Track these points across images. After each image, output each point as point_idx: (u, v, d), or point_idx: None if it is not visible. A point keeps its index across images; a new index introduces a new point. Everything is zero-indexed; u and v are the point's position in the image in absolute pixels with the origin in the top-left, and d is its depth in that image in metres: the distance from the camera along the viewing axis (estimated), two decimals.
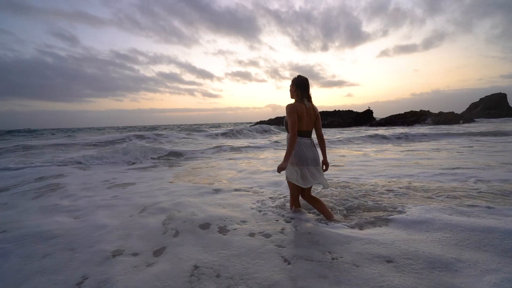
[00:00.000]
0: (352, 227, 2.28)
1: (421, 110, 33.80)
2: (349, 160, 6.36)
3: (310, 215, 2.59)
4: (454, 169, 4.53)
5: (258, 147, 10.07)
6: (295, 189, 2.51)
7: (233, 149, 9.48)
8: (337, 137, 12.93)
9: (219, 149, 9.26)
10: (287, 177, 2.38)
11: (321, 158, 2.52)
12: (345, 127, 30.20)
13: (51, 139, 14.90)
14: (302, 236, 2.16)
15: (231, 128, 19.66)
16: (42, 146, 10.00)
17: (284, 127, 2.44)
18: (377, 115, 35.71)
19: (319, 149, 2.52)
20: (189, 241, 2.15)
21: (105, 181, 4.71)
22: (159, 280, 1.63)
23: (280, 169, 2.19)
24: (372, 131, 18.27)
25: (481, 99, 53.72)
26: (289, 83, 2.47)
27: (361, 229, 2.23)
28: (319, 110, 2.51)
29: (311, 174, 2.35)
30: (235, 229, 2.33)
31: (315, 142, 2.51)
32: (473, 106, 53.89)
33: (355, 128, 27.84)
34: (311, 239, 2.07)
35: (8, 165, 5.95)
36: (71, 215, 2.90)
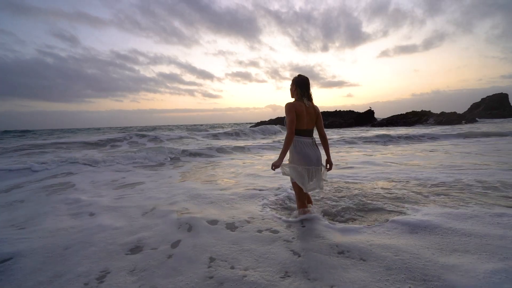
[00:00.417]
0: (357, 225, 2.33)
1: (422, 110, 33.66)
2: (350, 160, 6.42)
3: (318, 215, 2.57)
4: (458, 170, 4.55)
5: (262, 147, 10.10)
6: (298, 187, 2.42)
7: (238, 148, 9.53)
8: (339, 137, 12.93)
9: (223, 148, 9.29)
10: (291, 178, 2.37)
11: (324, 157, 2.50)
12: (346, 127, 30.15)
13: (49, 139, 14.61)
14: (308, 232, 2.23)
15: (235, 128, 19.54)
16: (50, 144, 10.07)
17: (284, 126, 2.42)
18: (377, 115, 35.65)
19: (321, 148, 2.52)
20: (202, 236, 2.25)
21: (114, 180, 4.85)
22: (179, 272, 1.73)
23: (274, 166, 2.18)
24: (374, 131, 18.17)
25: (482, 99, 53.55)
26: (290, 83, 2.46)
27: (366, 228, 2.27)
28: (318, 108, 2.47)
29: (315, 174, 2.35)
30: (242, 226, 2.43)
31: (317, 141, 2.48)
32: (475, 106, 53.72)
33: (356, 128, 27.73)
34: (317, 235, 2.15)
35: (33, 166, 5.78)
36: (88, 212, 3.01)
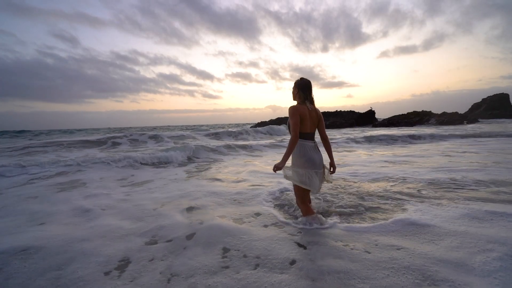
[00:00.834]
0: (360, 224, 2.40)
1: (423, 110, 33.56)
2: (351, 159, 6.53)
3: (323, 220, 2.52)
4: (461, 171, 4.61)
5: (267, 146, 10.14)
6: (301, 191, 2.41)
7: (244, 147, 9.58)
8: (340, 137, 12.88)
9: (229, 148, 9.34)
10: (294, 181, 2.35)
11: (327, 160, 2.52)
12: (347, 127, 30.12)
13: (46, 139, 14.47)
14: (312, 227, 2.34)
15: (241, 128, 19.34)
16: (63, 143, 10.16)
17: (287, 130, 2.46)
18: (377, 116, 35.55)
19: (323, 150, 2.53)
20: (213, 229, 2.39)
21: (123, 178, 4.99)
22: (197, 261, 1.86)
23: (276, 168, 2.17)
24: (376, 131, 18.03)
25: (483, 99, 53.38)
26: (290, 84, 2.46)
27: (370, 227, 2.32)
28: (320, 111, 2.51)
29: (319, 177, 2.36)
30: (250, 221, 2.57)
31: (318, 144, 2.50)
32: (476, 106, 53.58)
33: (357, 128, 27.69)
34: (321, 230, 2.28)
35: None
36: (103, 207, 3.12)
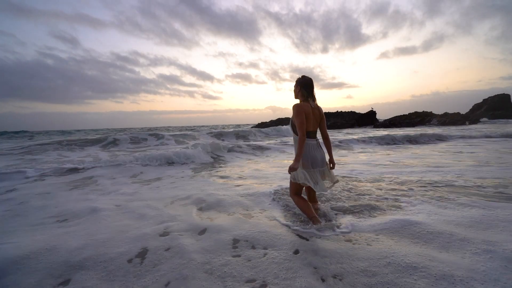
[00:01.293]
0: (360, 221, 2.47)
1: (424, 111, 33.47)
2: (352, 159, 6.65)
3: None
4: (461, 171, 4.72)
5: (272, 147, 10.08)
6: (295, 184, 2.44)
7: (249, 147, 9.64)
8: (342, 137, 12.73)
9: (233, 147, 9.28)
10: (293, 179, 2.36)
11: (327, 157, 2.56)
12: (348, 128, 30.06)
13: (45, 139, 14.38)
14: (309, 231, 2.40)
15: (244, 129, 19.30)
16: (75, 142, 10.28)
17: (290, 128, 2.45)
18: (378, 116, 35.53)
19: (324, 148, 2.58)
20: (223, 222, 2.57)
21: (134, 175, 5.15)
22: (210, 251, 2.01)
23: (291, 170, 2.19)
24: (377, 132, 17.86)
25: (484, 100, 53.19)
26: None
27: (369, 225, 2.36)
28: (322, 109, 2.53)
29: (320, 175, 2.38)
30: (257, 216, 2.75)
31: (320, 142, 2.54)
32: (476, 107, 53.38)
33: (358, 129, 27.61)
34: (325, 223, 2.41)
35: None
36: (117, 202, 3.27)
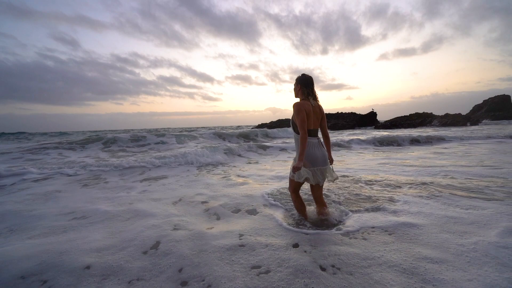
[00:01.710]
0: (358, 219, 2.60)
1: (424, 112, 33.34)
2: (352, 159, 6.63)
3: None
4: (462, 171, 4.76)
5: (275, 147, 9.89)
6: (294, 182, 2.44)
7: (250, 147, 9.58)
8: (342, 138, 12.64)
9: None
10: (293, 177, 2.36)
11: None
12: (348, 129, 29.67)
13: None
14: (313, 218, 2.61)
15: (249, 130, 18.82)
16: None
17: (291, 127, 2.44)
18: (377, 118, 35.22)
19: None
20: (229, 219, 2.74)
21: (142, 173, 5.11)
22: (220, 243, 2.14)
23: (296, 169, 2.21)
24: (378, 132, 17.77)
25: (484, 101, 53.27)
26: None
27: (367, 220, 2.53)
28: (322, 107, 2.51)
29: (321, 174, 2.37)
30: (261, 212, 2.92)
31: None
32: (477, 108, 53.38)
33: (359, 130, 27.27)
34: (322, 219, 2.55)
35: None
36: (128, 201, 3.36)
